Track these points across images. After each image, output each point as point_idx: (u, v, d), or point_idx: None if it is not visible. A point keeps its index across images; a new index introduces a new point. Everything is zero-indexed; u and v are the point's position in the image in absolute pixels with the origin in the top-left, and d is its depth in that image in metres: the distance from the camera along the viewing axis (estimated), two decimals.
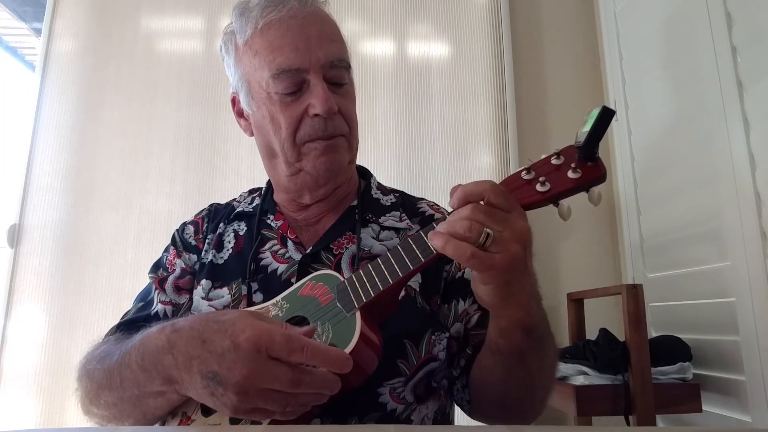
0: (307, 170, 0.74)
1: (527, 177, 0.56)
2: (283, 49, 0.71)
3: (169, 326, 0.58)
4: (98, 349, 0.70)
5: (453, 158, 1.89)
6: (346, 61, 0.75)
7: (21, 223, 1.83)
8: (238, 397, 0.51)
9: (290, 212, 0.82)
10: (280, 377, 0.51)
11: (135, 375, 0.59)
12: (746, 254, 1.23)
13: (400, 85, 1.94)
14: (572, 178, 0.54)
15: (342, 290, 0.61)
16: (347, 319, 0.59)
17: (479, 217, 0.51)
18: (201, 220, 0.86)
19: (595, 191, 0.55)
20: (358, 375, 0.58)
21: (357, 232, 0.77)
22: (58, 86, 1.94)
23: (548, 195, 0.55)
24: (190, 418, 0.62)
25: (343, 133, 0.74)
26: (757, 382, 1.20)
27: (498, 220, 0.51)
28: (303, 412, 0.55)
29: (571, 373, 1.37)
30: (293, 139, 0.73)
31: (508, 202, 0.53)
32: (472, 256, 0.50)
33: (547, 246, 1.85)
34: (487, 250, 0.50)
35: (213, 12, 2.03)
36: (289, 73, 0.71)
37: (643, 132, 1.71)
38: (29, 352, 1.74)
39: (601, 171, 0.54)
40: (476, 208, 0.52)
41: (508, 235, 0.51)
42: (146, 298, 0.82)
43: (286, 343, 0.51)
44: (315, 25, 0.73)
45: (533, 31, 2.03)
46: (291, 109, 0.72)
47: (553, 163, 0.56)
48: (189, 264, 0.81)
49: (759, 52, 1.22)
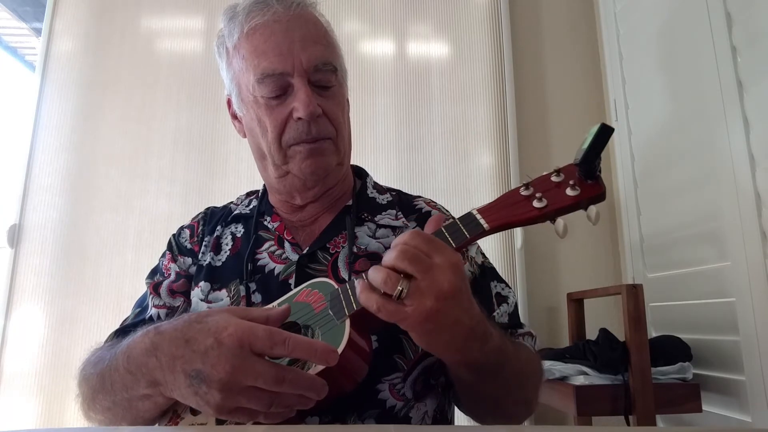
0: (294, 173, 0.75)
1: (525, 193, 0.56)
2: (267, 54, 0.71)
3: (152, 329, 0.59)
4: (94, 355, 0.71)
5: (453, 158, 1.89)
6: (331, 64, 0.75)
7: (21, 223, 1.83)
8: (222, 395, 0.51)
9: (286, 213, 0.82)
10: (264, 374, 0.51)
11: (122, 379, 0.60)
12: (746, 254, 1.23)
13: (400, 85, 1.94)
14: (570, 196, 0.54)
15: (335, 298, 0.61)
16: (337, 326, 0.59)
17: (401, 264, 0.51)
18: (197, 223, 0.86)
19: (593, 209, 0.55)
20: (348, 380, 0.58)
21: (349, 230, 0.77)
22: (58, 86, 1.94)
23: (545, 211, 0.55)
24: (180, 415, 0.62)
25: (328, 136, 0.74)
26: (757, 382, 1.20)
27: (422, 268, 0.51)
28: (288, 416, 0.55)
29: (571, 373, 1.37)
30: (279, 142, 0.73)
31: (429, 248, 0.52)
32: (378, 309, 0.51)
33: (547, 246, 1.85)
34: (403, 303, 0.51)
35: (213, 12, 2.03)
36: (273, 77, 0.71)
37: (643, 132, 1.71)
38: (29, 352, 1.74)
39: (600, 189, 0.54)
40: (401, 254, 0.51)
41: (425, 286, 0.50)
42: (143, 304, 0.82)
43: (268, 336, 0.51)
44: (299, 29, 0.73)
45: (533, 31, 2.03)
46: (276, 113, 0.72)
47: (552, 180, 0.56)
48: (183, 268, 0.82)
49: (759, 52, 1.22)
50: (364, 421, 0.66)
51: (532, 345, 0.77)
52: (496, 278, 0.81)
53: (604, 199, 0.54)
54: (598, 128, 0.51)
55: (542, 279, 1.83)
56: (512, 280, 1.76)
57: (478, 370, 0.59)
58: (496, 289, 0.79)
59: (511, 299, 0.79)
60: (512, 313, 0.79)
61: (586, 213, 0.55)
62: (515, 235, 1.80)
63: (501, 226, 0.56)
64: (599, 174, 0.54)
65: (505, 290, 0.80)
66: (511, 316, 0.78)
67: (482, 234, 0.57)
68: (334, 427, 0.65)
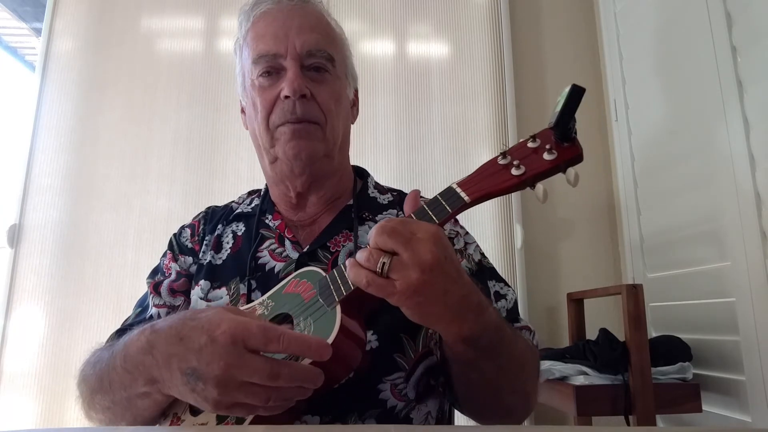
0: (280, 157, 0.76)
1: (503, 162, 0.56)
2: (265, 38, 0.75)
3: (148, 328, 0.59)
4: (94, 355, 0.71)
5: (453, 158, 1.89)
6: (325, 51, 0.76)
7: (21, 223, 1.83)
8: (218, 391, 0.51)
9: (286, 212, 0.83)
10: (258, 369, 0.51)
11: (120, 377, 0.60)
12: (746, 254, 1.23)
13: (400, 85, 1.94)
14: (548, 160, 0.54)
15: (323, 285, 0.61)
16: (328, 313, 0.58)
17: (381, 240, 0.52)
18: (197, 222, 0.87)
19: (571, 171, 0.54)
20: (342, 367, 0.58)
21: (354, 229, 0.77)
22: (58, 86, 1.94)
23: (524, 178, 0.54)
24: (180, 417, 0.62)
25: (314, 120, 0.74)
26: (757, 382, 1.20)
27: (401, 242, 0.51)
28: (287, 407, 0.55)
29: (571, 373, 1.37)
30: (267, 123, 0.75)
31: (407, 224, 0.53)
32: (367, 284, 0.52)
33: (547, 246, 1.86)
34: (389, 277, 0.51)
35: (213, 12, 2.04)
36: (266, 57, 0.74)
37: (643, 132, 1.71)
38: (29, 352, 1.74)
39: (577, 151, 0.53)
40: (379, 231, 0.52)
41: (407, 258, 0.51)
42: (143, 304, 0.83)
43: (263, 333, 0.51)
44: (299, 18, 0.76)
45: (533, 31, 2.03)
46: (266, 93, 0.75)
47: (529, 146, 0.55)
48: (184, 267, 0.82)
49: (759, 52, 1.22)
50: (365, 422, 0.66)
51: (530, 339, 0.76)
52: (495, 277, 0.81)
53: (581, 160, 0.54)
54: (569, 89, 0.51)
55: (542, 279, 1.83)
56: (512, 279, 1.76)
57: (475, 343, 0.58)
58: (495, 288, 0.79)
59: (510, 296, 0.79)
60: (511, 309, 0.78)
61: (565, 176, 0.55)
62: (515, 235, 1.80)
63: (482, 197, 0.56)
64: (575, 136, 0.54)
65: (503, 289, 0.80)
66: (509, 312, 0.78)
67: (464, 207, 0.57)
68: (334, 427, 0.64)
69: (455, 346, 0.59)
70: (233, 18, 2.03)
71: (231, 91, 1.96)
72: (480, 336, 0.58)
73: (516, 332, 0.70)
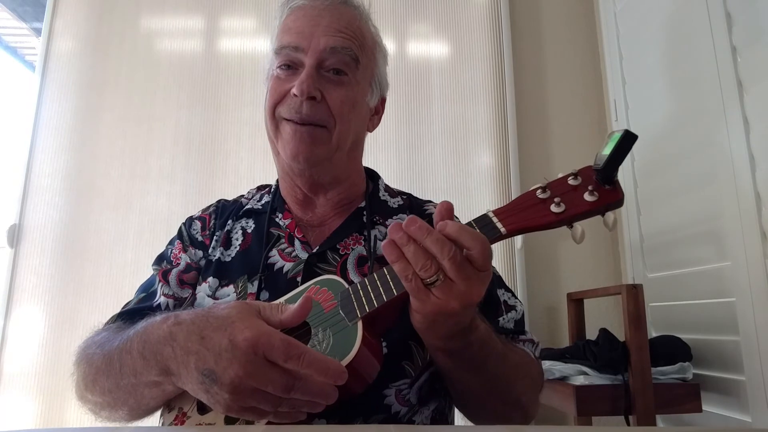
0: (281, 153, 0.76)
1: (542, 196, 0.55)
2: (291, 31, 0.76)
3: (172, 317, 0.58)
4: (99, 335, 0.70)
5: (453, 158, 1.89)
6: (351, 50, 0.75)
7: (21, 223, 1.83)
8: (231, 396, 0.51)
9: (296, 210, 0.82)
10: (274, 381, 0.51)
11: (134, 362, 0.59)
12: (746, 254, 1.23)
13: (400, 85, 1.94)
14: (588, 201, 0.52)
15: (345, 297, 0.60)
16: (349, 328, 0.58)
17: (448, 264, 0.51)
18: (208, 216, 0.86)
19: (610, 216, 0.54)
20: (358, 383, 0.58)
21: (367, 232, 0.77)
22: (58, 86, 1.94)
23: (563, 216, 0.53)
24: (186, 414, 0.62)
25: (320, 122, 0.73)
26: (757, 382, 1.20)
27: (465, 276, 0.51)
28: (297, 419, 0.55)
29: (571, 373, 1.37)
30: (273, 110, 0.75)
31: (485, 264, 0.52)
32: (409, 280, 0.52)
33: (547, 246, 1.85)
34: (430, 289, 0.52)
35: (213, 12, 2.04)
36: (287, 49, 0.75)
37: (643, 132, 1.71)
38: (29, 352, 1.74)
39: (618, 196, 0.52)
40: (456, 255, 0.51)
41: (458, 291, 0.51)
42: (149, 290, 0.81)
43: (285, 348, 0.51)
44: (328, 17, 0.76)
45: (533, 31, 2.03)
46: (280, 85, 0.75)
47: (570, 183, 0.54)
48: (194, 259, 0.81)
49: (759, 52, 1.22)
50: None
51: (532, 351, 0.76)
52: (504, 287, 0.81)
53: (621, 206, 0.53)
54: (622, 134, 0.50)
55: (542, 279, 1.82)
56: (512, 280, 1.76)
57: (453, 356, 0.59)
58: (504, 297, 0.79)
59: (519, 308, 0.80)
60: (519, 320, 0.78)
61: (603, 219, 0.54)
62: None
63: (518, 230, 0.55)
64: (617, 179, 0.53)
65: (512, 300, 0.80)
66: (517, 323, 0.78)
67: (499, 238, 0.55)
68: (334, 427, 0.64)
69: (435, 354, 0.61)
70: (233, 18, 2.05)
71: (231, 91, 1.97)
72: (460, 351, 0.59)
73: (509, 346, 0.71)
